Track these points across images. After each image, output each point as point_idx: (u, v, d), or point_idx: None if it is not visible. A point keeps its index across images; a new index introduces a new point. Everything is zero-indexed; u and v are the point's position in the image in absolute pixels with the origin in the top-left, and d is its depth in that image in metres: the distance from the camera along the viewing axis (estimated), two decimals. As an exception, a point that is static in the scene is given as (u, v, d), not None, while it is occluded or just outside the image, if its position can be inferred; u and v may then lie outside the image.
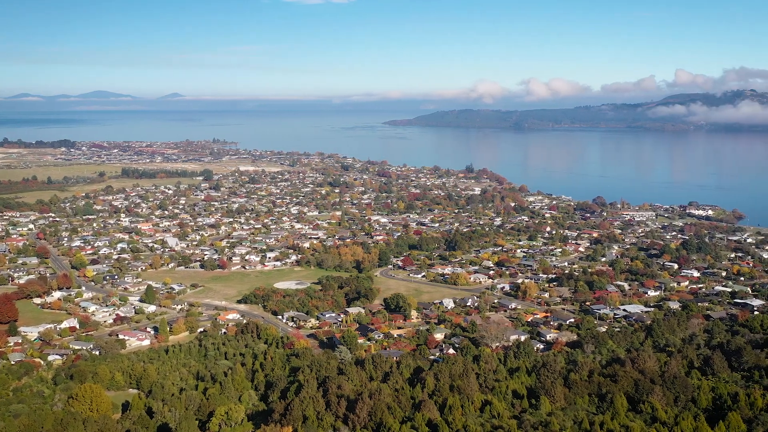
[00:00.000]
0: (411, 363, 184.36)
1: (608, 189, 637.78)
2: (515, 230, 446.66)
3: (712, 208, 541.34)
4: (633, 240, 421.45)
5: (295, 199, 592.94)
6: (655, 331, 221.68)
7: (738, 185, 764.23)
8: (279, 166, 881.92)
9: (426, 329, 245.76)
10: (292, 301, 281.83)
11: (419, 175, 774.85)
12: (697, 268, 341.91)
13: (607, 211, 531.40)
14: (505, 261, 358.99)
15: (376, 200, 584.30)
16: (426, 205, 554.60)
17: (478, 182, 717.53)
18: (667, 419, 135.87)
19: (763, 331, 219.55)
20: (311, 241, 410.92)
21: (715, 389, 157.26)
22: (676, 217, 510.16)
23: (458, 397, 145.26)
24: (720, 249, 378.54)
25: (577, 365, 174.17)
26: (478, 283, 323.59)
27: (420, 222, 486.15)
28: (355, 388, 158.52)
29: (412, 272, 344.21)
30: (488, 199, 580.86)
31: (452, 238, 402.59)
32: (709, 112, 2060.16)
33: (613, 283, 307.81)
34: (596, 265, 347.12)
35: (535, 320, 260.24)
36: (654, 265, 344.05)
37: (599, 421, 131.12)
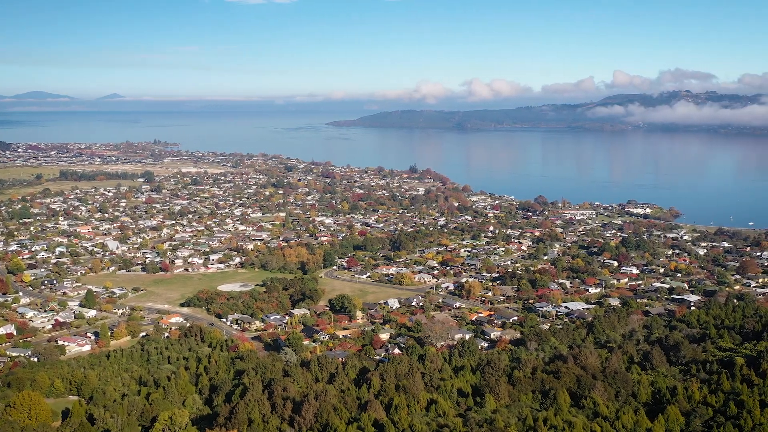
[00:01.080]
0: (357, 363, 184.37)
1: (549, 188, 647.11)
2: (459, 230, 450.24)
3: (650, 207, 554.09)
4: (574, 238, 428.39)
5: (238, 200, 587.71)
6: (596, 328, 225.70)
7: (674, 184, 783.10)
8: (222, 167, 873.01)
9: (371, 330, 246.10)
10: (236, 304, 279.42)
11: (363, 175, 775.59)
12: (636, 265, 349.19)
13: (549, 210, 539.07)
14: (449, 260, 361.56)
15: (320, 201, 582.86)
16: (370, 206, 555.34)
17: (421, 182, 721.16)
18: (608, 414, 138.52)
19: (700, 325, 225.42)
20: (255, 242, 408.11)
21: (654, 383, 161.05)
22: (615, 216, 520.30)
23: (404, 397, 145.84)
24: (658, 246, 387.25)
25: (521, 363, 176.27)
26: (423, 282, 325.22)
27: (364, 222, 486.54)
28: (301, 390, 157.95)
29: (357, 273, 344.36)
30: (432, 199, 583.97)
31: (397, 239, 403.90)
32: (646, 112, 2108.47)
33: (555, 281, 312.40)
34: (538, 264, 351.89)
35: (480, 319, 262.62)
36: (594, 262, 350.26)
37: (543, 417, 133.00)
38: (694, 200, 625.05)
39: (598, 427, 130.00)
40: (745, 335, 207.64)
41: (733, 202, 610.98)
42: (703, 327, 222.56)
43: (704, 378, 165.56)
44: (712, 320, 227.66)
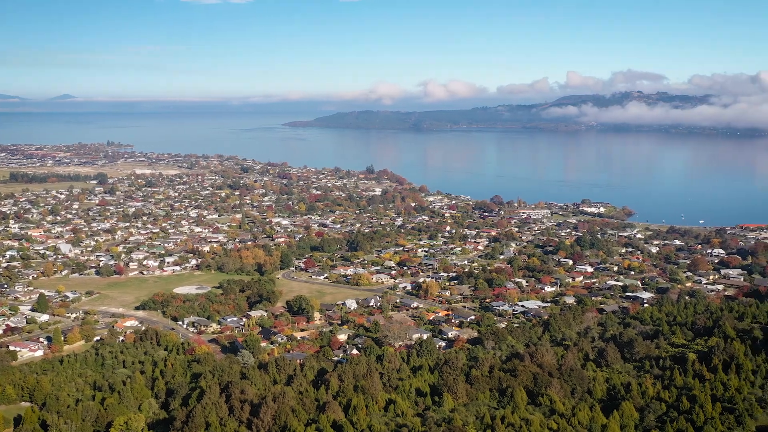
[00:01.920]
0: (315, 365, 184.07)
1: (505, 188, 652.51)
2: (416, 230, 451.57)
3: (604, 206, 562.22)
4: (530, 237, 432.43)
5: (194, 202, 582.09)
6: (552, 326, 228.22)
7: (627, 183, 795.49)
8: (177, 168, 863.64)
9: (329, 330, 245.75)
10: (193, 306, 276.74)
11: (320, 176, 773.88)
12: (590, 263, 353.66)
13: (505, 209, 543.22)
14: (406, 261, 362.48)
15: (277, 202, 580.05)
16: (327, 207, 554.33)
17: (378, 183, 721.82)
18: (564, 411, 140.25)
19: (653, 322, 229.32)
20: (211, 244, 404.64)
21: (609, 380, 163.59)
22: (570, 215, 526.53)
23: (362, 397, 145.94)
24: (611, 245, 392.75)
25: (478, 361, 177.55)
26: (381, 283, 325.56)
27: (322, 223, 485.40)
28: (259, 393, 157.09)
29: (314, 274, 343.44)
30: (389, 199, 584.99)
31: (354, 239, 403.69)
32: (599, 112, 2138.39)
33: (511, 280, 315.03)
34: (495, 263, 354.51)
35: (437, 318, 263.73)
36: (550, 261, 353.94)
37: (500, 415, 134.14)
38: (647, 199, 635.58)
39: (555, 424, 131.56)
40: (697, 331, 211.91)
41: (684, 201, 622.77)
42: (656, 324, 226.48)
43: (657, 374, 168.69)
44: (664, 317, 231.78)
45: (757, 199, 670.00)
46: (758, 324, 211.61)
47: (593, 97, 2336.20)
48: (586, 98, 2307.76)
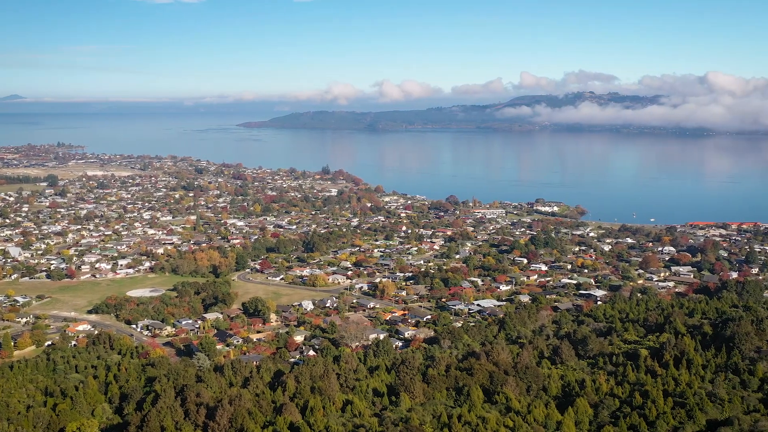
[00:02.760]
0: (271, 367, 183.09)
1: (460, 188, 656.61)
2: (372, 230, 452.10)
3: (557, 205, 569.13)
4: (485, 237, 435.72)
5: (147, 204, 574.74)
6: (507, 324, 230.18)
7: (580, 182, 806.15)
8: (130, 170, 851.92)
9: (286, 332, 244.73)
10: (147, 309, 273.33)
11: (275, 177, 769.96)
12: (544, 262, 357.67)
13: (460, 209, 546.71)
14: (362, 261, 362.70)
15: (232, 203, 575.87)
16: (283, 207, 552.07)
17: (334, 183, 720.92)
18: (520, 408, 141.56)
19: (606, 319, 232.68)
20: (165, 246, 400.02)
21: (564, 377, 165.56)
22: (524, 214, 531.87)
23: (319, 399, 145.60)
24: (565, 243, 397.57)
25: (435, 361, 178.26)
26: (337, 283, 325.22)
27: (277, 224, 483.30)
28: (215, 395, 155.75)
29: (270, 275, 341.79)
30: (345, 200, 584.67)
31: (310, 240, 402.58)
32: (552, 113, 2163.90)
33: (467, 279, 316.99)
34: (451, 263, 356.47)
35: (394, 318, 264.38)
36: (505, 260, 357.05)
37: (457, 414, 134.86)
38: (599, 198, 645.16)
39: (511, 421, 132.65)
40: (649, 328, 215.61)
41: (636, 200, 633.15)
42: (609, 321, 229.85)
43: (611, 370, 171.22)
44: (617, 314, 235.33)
45: (706, 198, 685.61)
46: (708, 320, 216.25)
47: (546, 97, 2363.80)
48: (539, 98, 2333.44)
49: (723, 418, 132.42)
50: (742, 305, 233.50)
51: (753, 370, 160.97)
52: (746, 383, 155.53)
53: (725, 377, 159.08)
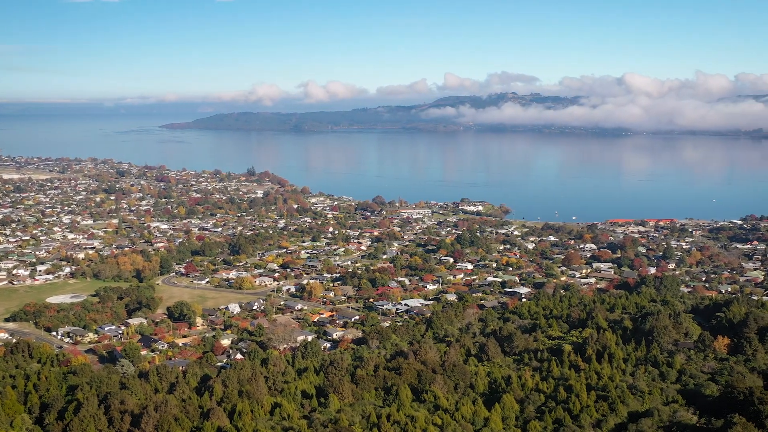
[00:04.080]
0: (198, 371, 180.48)
1: (387, 188, 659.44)
2: (299, 232, 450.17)
3: (482, 204, 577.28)
4: (411, 237, 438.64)
5: (67, 207, 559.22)
6: (434, 323, 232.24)
7: (504, 182, 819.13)
8: (48, 173, 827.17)
9: (212, 336, 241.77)
10: (68, 316, 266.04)
11: (200, 179, 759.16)
12: (470, 261, 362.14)
13: (387, 209, 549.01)
14: (289, 263, 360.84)
15: (155, 206, 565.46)
16: (208, 210, 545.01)
17: (260, 185, 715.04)
18: (448, 406, 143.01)
19: (531, 316, 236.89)
20: (86, 251, 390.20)
21: (490, 374, 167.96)
22: (450, 214, 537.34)
23: (247, 402, 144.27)
24: (490, 242, 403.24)
25: (363, 361, 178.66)
26: (264, 286, 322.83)
27: (202, 227, 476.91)
28: (140, 402, 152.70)
29: (195, 279, 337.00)
30: (271, 201, 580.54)
31: (236, 242, 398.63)
32: (476, 113, 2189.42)
33: (394, 279, 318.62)
34: (378, 263, 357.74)
35: (322, 320, 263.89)
36: (432, 260, 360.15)
37: (386, 413, 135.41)
38: (523, 197, 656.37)
39: (439, 419, 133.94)
40: (572, 323, 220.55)
41: (558, 199, 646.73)
42: (533, 317, 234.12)
43: (536, 366, 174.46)
44: (541, 311, 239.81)
45: (625, 196, 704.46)
46: (628, 314, 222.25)
47: (470, 98, 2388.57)
48: (463, 99, 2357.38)
49: (643, 410, 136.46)
50: (660, 300, 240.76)
51: (671, 362, 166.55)
52: (665, 375, 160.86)
53: (645, 370, 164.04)
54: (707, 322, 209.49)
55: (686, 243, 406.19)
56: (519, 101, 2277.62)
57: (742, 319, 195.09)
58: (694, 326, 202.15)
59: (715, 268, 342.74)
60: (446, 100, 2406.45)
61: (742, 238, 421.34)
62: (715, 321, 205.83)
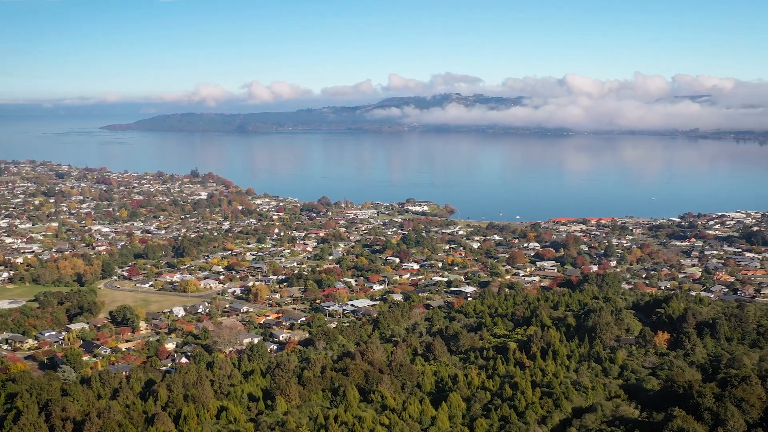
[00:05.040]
0: (142, 376, 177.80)
1: (332, 189, 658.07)
2: (244, 233, 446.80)
3: (428, 204, 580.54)
4: (357, 237, 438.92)
5: (4, 211, 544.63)
6: (381, 323, 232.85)
7: (449, 182, 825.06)
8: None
9: (156, 340, 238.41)
10: (6, 322, 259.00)
11: (142, 181, 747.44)
12: (416, 260, 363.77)
13: (332, 210, 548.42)
14: (235, 265, 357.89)
15: (96, 209, 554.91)
16: (151, 212, 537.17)
17: (204, 187, 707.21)
18: (395, 406, 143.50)
19: (476, 315, 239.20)
20: (25, 255, 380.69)
21: (437, 373, 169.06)
22: (395, 214, 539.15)
23: (193, 407, 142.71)
24: (436, 242, 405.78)
25: (310, 362, 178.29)
26: (209, 288, 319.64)
27: (145, 230, 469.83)
28: (82, 409, 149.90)
29: (139, 282, 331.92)
30: (215, 203, 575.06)
31: (180, 245, 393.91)
32: (421, 114, 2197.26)
33: (340, 280, 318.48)
34: (324, 264, 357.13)
35: (268, 322, 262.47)
36: (378, 260, 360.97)
37: (333, 414, 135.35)
38: (467, 197, 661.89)
39: (387, 419, 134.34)
40: (517, 321, 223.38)
41: (502, 198, 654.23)
42: (479, 316, 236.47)
43: (482, 364, 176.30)
44: (487, 309, 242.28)
45: (567, 195, 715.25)
46: (571, 312, 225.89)
47: (415, 98, 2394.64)
48: (408, 100, 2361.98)
49: (587, 405, 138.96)
50: (602, 297, 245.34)
51: (613, 358, 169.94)
52: (607, 371, 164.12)
53: (588, 366, 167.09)
54: (648, 318, 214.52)
55: (627, 241, 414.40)
56: (463, 102, 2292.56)
57: (681, 314, 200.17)
58: (635, 322, 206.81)
59: (655, 265, 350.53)
60: (391, 100, 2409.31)
61: (680, 235, 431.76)
62: (656, 317, 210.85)
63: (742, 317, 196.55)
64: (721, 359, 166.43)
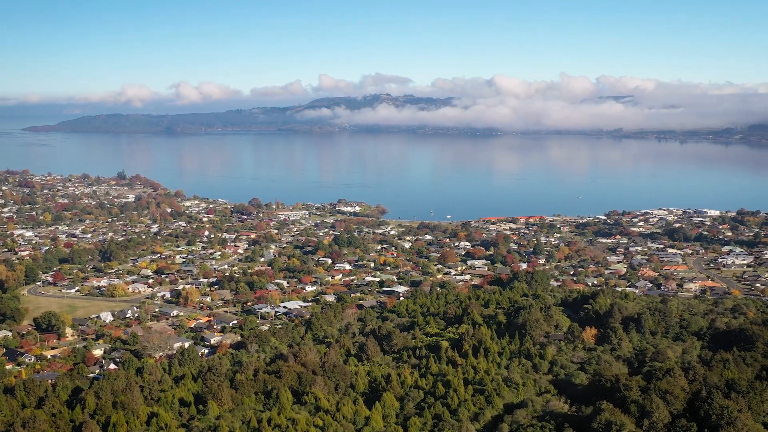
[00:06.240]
0: (69, 384, 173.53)
1: (263, 190, 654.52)
2: (173, 236, 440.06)
3: (359, 205, 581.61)
4: (289, 239, 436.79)
5: None
6: (314, 325, 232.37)
7: (380, 182, 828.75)
8: None
9: (83, 346, 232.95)
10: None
11: (67, 184, 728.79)
12: (348, 261, 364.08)
13: (263, 212, 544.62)
14: (164, 268, 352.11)
15: (18, 213, 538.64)
16: (76, 216, 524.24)
17: (131, 189, 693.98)
18: (329, 407, 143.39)
19: (409, 314, 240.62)
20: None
21: (370, 373, 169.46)
22: (327, 215, 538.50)
23: (122, 413, 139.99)
24: (368, 242, 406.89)
25: (243, 366, 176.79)
26: (138, 293, 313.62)
27: (71, 234, 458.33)
28: (6, 419, 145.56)
29: (64, 287, 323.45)
30: (143, 205, 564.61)
31: (107, 249, 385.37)
32: (351, 114, 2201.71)
33: (272, 282, 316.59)
34: (255, 266, 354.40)
35: (199, 325, 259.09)
36: (310, 261, 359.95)
37: (267, 417, 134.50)
38: (398, 197, 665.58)
39: (321, 420, 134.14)
40: (448, 320, 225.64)
41: (433, 198, 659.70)
42: (411, 316, 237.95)
43: (415, 363, 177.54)
44: (419, 308, 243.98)
45: (496, 194, 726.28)
46: (501, 309, 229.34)
47: (345, 99, 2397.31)
48: (338, 101, 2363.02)
49: (518, 401, 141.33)
50: (531, 294, 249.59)
51: (543, 354, 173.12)
52: (537, 367, 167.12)
53: (519, 362, 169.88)
54: (576, 314, 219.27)
55: (555, 239, 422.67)
56: (393, 102, 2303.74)
57: (608, 310, 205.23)
58: (564, 318, 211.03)
59: (582, 262, 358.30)
60: (321, 101, 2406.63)
61: (606, 232, 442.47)
62: (583, 313, 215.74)
63: (666, 311, 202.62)
64: (646, 353, 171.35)
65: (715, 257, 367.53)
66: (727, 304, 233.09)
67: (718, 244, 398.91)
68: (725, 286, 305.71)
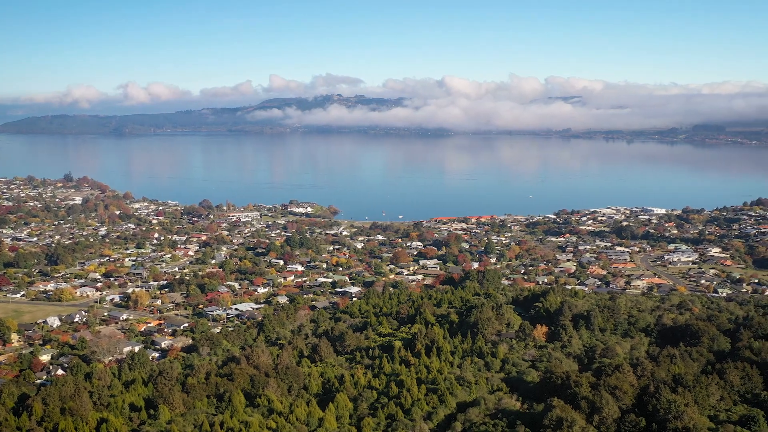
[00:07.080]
0: (15, 391, 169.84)
1: (214, 192, 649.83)
2: (122, 239, 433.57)
3: (311, 205, 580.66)
4: (241, 240, 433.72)
5: None
6: (266, 326, 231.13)
7: (332, 183, 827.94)
8: None
9: (30, 352, 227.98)
10: None
11: (11, 186, 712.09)
12: (301, 262, 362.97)
13: (214, 213, 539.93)
14: (113, 271, 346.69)
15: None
16: (21, 219, 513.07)
17: (78, 191, 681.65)
18: (282, 409, 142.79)
19: (362, 315, 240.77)
20: None
21: (323, 374, 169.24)
22: (279, 216, 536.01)
23: (71, 420, 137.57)
24: (320, 243, 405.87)
25: (194, 369, 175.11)
26: (86, 296, 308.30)
27: (15, 237, 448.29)
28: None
29: (9, 292, 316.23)
30: (91, 208, 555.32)
31: (54, 252, 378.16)
32: (303, 115, 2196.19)
33: (224, 284, 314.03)
34: (207, 268, 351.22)
35: (149, 329, 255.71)
36: (262, 263, 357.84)
37: (219, 420, 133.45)
38: (350, 197, 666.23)
39: (274, 423, 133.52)
40: (401, 320, 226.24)
41: (385, 198, 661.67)
42: (364, 316, 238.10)
43: (368, 363, 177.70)
44: (372, 309, 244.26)
45: (448, 194, 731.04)
46: (454, 308, 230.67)
47: (296, 100, 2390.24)
48: (289, 101, 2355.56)
49: (471, 399, 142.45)
50: (483, 293, 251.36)
51: (495, 352, 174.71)
52: (490, 365, 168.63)
53: (471, 361, 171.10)
54: (527, 312, 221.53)
55: (506, 238, 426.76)
56: (344, 103, 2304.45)
57: (558, 307, 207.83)
58: (515, 317, 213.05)
59: (533, 261, 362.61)
60: (272, 102, 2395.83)
61: (555, 231, 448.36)
62: (534, 311, 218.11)
63: (615, 308, 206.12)
64: (596, 349, 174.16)
65: (662, 255, 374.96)
66: (674, 300, 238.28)
67: (664, 241, 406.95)
68: (671, 283, 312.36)
